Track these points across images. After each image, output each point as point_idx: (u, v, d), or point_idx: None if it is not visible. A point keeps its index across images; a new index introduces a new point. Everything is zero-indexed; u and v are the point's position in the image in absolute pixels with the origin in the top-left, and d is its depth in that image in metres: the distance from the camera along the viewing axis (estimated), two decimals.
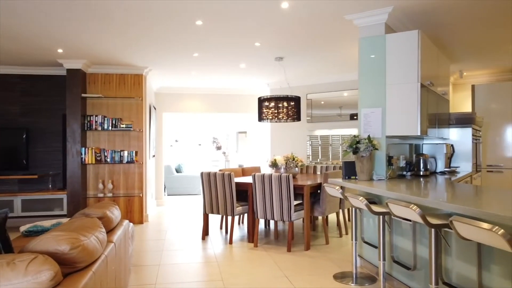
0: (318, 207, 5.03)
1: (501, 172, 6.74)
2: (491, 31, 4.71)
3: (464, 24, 4.42)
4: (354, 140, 3.76)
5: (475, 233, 1.84)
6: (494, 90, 6.82)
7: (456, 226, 1.94)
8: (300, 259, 4.39)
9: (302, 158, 6.27)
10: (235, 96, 8.94)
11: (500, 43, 5.21)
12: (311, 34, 4.74)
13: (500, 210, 1.99)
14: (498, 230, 1.67)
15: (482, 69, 6.94)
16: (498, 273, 2.28)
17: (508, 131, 6.71)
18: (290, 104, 5.79)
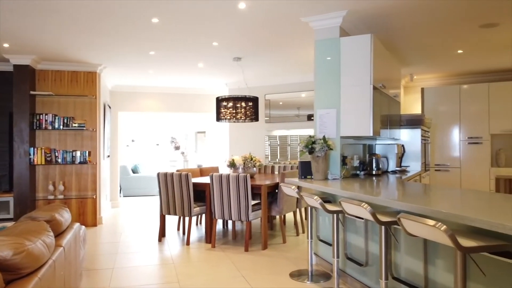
0: (276, 206, 5.08)
1: (448, 171, 7.11)
2: (439, 37, 4.95)
3: (414, 29, 4.62)
4: (309, 141, 3.83)
5: (420, 230, 1.92)
6: (442, 93, 7.19)
7: (403, 223, 2.02)
8: (257, 259, 4.42)
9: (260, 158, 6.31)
10: (194, 95, 8.85)
11: (447, 48, 5.49)
12: (268, 35, 4.78)
13: (444, 207, 2.10)
14: (441, 226, 1.76)
15: (431, 73, 7.29)
16: (442, 267, 2.40)
17: (454, 132, 7.09)
18: (248, 104, 5.81)
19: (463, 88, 7.01)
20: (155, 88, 8.54)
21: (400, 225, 2.05)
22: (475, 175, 6.87)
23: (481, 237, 1.93)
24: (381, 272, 2.56)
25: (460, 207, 2.13)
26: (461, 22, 4.36)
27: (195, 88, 8.68)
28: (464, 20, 4.31)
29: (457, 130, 7.05)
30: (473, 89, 6.92)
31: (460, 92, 7.01)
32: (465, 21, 4.34)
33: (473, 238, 1.90)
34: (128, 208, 8.33)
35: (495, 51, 5.66)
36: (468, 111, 6.96)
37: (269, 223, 6.09)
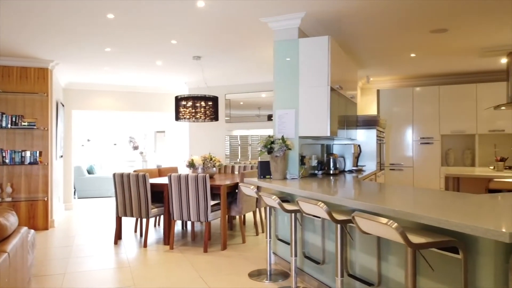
0: (235, 206, 5.06)
1: (401, 170, 7.37)
2: (393, 41, 5.12)
3: (369, 33, 4.75)
4: (268, 141, 3.85)
5: (373, 227, 1.97)
6: (396, 95, 7.45)
7: (357, 221, 2.06)
8: (216, 259, 4.38)
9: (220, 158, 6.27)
10: (153, 94, 8.67)
11: (401, 52, 5.70)
12: (228, 34, 4.76)
13: (396, 206, 2.16)
14: (392, 224, 1.81)
15: (387, 75, 7.54)
16: (394, 263, 2.48)
17: (408, 133, 7.37)
18: (208, 104, 5.76)
19: (415, 91, 7.30)
20: (112, 86, 8.28)
21: (354, 224, 2.09)
22: (426, 174, 7.18)
23: (430, 233, 2.01)
24: (337, 270, 2.60)
25: (411, 205, 2.20)
26: (413, 27, 4.53)
27: (154, 86, 8.50)
28: (416, 25, 4.48)
29: (410, 130, 7.34)
30: (425, 92, 7.23)
31: (413, 94, 7.30)
32: (417, 26, 4.52)
33: (423, 235, 1.97)
34: (82, 210, 8.03)
35: (445, 55, 5.93)
36: (420, 112, 7.25)
37: (229, 223, 6.07)
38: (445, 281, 2.10)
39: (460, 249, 1.90)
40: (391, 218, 2.24)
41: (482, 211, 1.97)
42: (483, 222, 1.67)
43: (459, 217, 1.78)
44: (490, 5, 3.88)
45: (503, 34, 4.82)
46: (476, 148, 7.02)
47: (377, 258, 2.62)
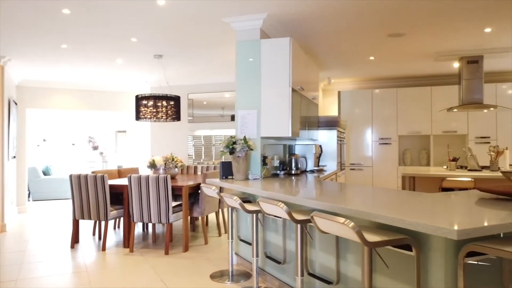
0: (197, 207, 5.01)
1: (361, 170, 7.57)
2: (353, 44, 5.25)
3: (330, 35, 4.84)
4: (230, 141, 3.84)
5: (331, 227, 2.01)
6: (356, 96, 7.64)
7: (316, 221, 2.09)
8: (178, 261, 4.32)
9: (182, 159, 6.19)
10: (113, 93, 8.43)
11: (360, 54, 5.85)
12: (190, 33, 4.71)
13: (355, 205, 2.21)
14: (349, 223, 1.84)
15: (347, 77, 7.72)
16: (352, 261, 2.54)
17: (367, 133, 7.57)
18: (170, 104, 5.67)
19: (375, 92, 7.52)
20: (69, 84, 7.98)
21: (313, 223, 2.12)
22: (385, 173, 7.41)
23: (386, 232, 2.07)
24: (297, 269, 2.63)
25: (369, 205, 2.26)
26: (372, 30, 4.66)
27: (114, 85, 8.27)
28: (374, 29, 4.61)
29: (369, 131, 7.54)
30: (384, 94, 7.46)
31: (372, 96, 7.51)
32: (375, 30, 4.65)
33: (379, 233, 2.02)
34: (37, 213, 7.69)
35: (402, 59, 6.15)
36: (379, 114, 7.48)
37: (191, 225, 6.00)
38: (399, 277, 2.17)
39: (413, 247, 1.97)
40: (350, 218, 2.30)
41: (435, 210, 2.04)
42: (435, 220, 1.74)
43: (413, 216, 1.85)
44: (443, 13, 4.05)
45: (455, 40, 5.05)
46: (431, 149, 7.32)
47: (336, 257, 2.67)
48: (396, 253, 2.17)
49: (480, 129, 6.95)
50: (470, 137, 7.00)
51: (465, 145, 6.94)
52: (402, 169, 5.47)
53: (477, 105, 5.62)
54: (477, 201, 2.34)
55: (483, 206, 2.16)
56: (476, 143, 6.94)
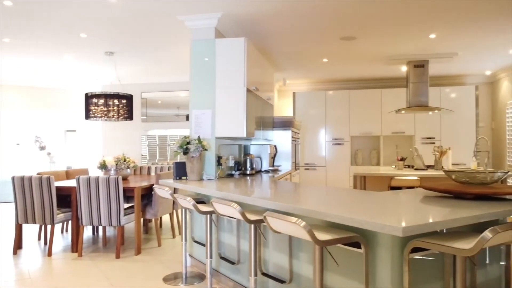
0: (151, 209, 4.89)
1: (315, 170, 7.72)
2: (307, 46, 5.34)
3: (285, 37, 4.90)
4: (184, 141, 3.78)
5: (284, 226, 2.02)
6: (311, 98, 7.79)
7: (269, 221, 2.10)
8: (129, 265, 4.19)
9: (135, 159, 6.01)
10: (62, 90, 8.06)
11: (314, 57, 5.96)
12: (144, 31, 4.59)
13: (307, 205, 2.24)
14: (300, 222, 1.87)
15: (302, 78, 7.85)
16: (305, 260, 2.58)
17: (321, 134, 7.74)
18: (122, 102, 5.50)
19: (328, 94, 7.70)
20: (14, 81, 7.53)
21: (266, 223, 2.13)
22: (338, 173, 7.61)
23: (337, 230, 2.11)
24: (250, 269, 2.63)
25: (321, 204, 2.30)
26: (325, 33, 4.76)
27: (63, 82, 7.90)
28: (327, 32, 4.72)
29: (323, 132, 7.72)
30: (337, 95, 7.66)
31: (326, 98, 7.69)
32: (328, 33, 4.76)
33: (330, 232, 2.06)
34: None
35: (354, 62, 6.34)
36: (332, 115, 7.67)
37: (144, 227, 5.85)
38: (350, 274, 2.22)
39: (362, 244, 2.02)
40: (303, 217, 2.33)
41: (383, 208, 2.12)
42: (382, 218, 1.79)
43: (362, 214, 1.90)
44: (391, 18, 4.21)
45: (403, 44, 5.27)
46: (381, 149, 7.61)
47: (289, 256, 2.69)
48: (347, 251, 2.22)
49: (426, 130, 7.31)
50: (417, 137, 7.34)
51: (412, 145, 7.27)
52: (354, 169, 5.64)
53: (423, 107, 5.90)
54: (422, 199, 2.44)
55: (427, 203, 2.26)
56: (422, 143, 7.29)
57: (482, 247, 1.63)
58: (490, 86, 7.65)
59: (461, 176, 2.52)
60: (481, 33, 4.77)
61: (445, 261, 2.19)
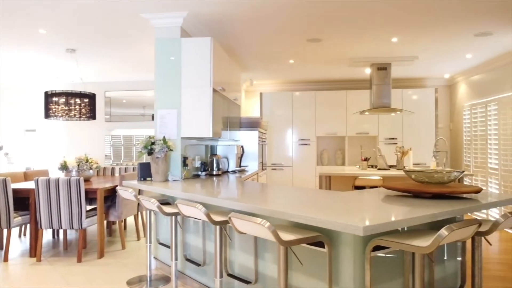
0: (114, 211, 4.78)
1: (282, 170, 7.78)
2: (273, 47, 5.37)
3: (252, 37, 4.91)
4: (149, 141, 3.71)
5: (248, 227, 2.02)
6: (278, 98, 7.84)
7: (233, 222, 2.09)
8: (92, 269, 4.07)
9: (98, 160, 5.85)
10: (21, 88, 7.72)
11: (281, 57, 6.01)
12: (108, 28, 4.47)
13: (272, 205, 2.25)
14: (265, 223, 1.87)
15: (269, 79, 7.89)
16: (270, 260, 2.59)
17: (288, 134, 7.81)
18: (84, 101, 5.33)
19: (295, 95, 7.78)
20: None
21: (231, 224, 2.12)
22: (304, 173, 7.70)
23: (302, 230, 2.13)
24: (216, 270, 2.62)
25: (286, 204, 2.32)
26: (292, 34, 4.80)
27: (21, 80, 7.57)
28: (294, 33, 4.76)
29: (290, 132, 7.79)
30: (303, 96, 7.75)
31: (293, 98, 7.77)
32: (294, 34, 4.80)
33: (295, 232, 2.08)
34: None
35: (320, 63, 6.43)
36: (299, 115, 7.75)
37: (108, 229, 5.71)
38: (314, 273, 2.25)
39: (325, 243, 2.05)
40: (268, 218, 2.33)
41: (346, 208, 2.15)
42: (345, 217, 1.83)
43: (326, 214, 1.93)
44: (355, 21, 4.30)
45: (367, 47, 5.40)
46: (346, 149, 7.77)
47: (255, 257, 2.70)
48: (312, 250, 2.25)
49: (389, 131, 7.53)
50: (380, 138, 7.55)
51: (376, 145, 7.46)
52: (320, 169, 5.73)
53: (386, 109, 6.07)
54: (383, 198, 2.51)
55: (388, 203, 2.32)
56: (385, 143, 7.50)
57: (439, 245, 1.69)
58: (449, 89, 7.97)
59: (420, 176, 2.61)
60: (440, 38, 4.95)
61: (405, 258, 2.26)
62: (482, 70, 6.55)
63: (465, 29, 4.58)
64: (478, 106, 6.64)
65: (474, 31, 4.65)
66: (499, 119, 5.92)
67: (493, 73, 6.24)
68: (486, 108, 6.35)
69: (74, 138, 7.74)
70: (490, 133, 6.18)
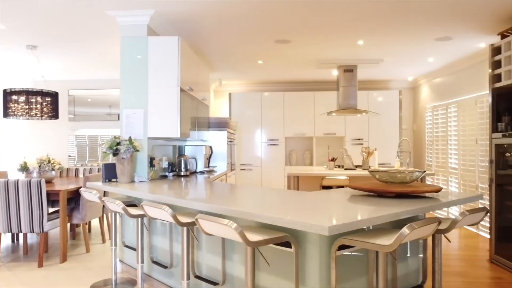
0: (78, 213, 4.64)
1: (251, 170, 7.80)
2: (242, 47, 5.37)
3: (220, 37, 4.88)
4: (114, 142, 3.63)
5: (215, 229, 2.01)
6: (247, 99, 7.85)
7: (200, 223, 2.08)
8: (54, 274, 3.93)
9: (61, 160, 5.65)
10: None
11: (249, 58, 6.01)
12: (71, 24, 4.33)
13: (240, 206, 2.25)
14: (232, 224, 1.87)
15: (238, 79, 7.88)
16: (238, 261, 2.58)
17: (257, 135, 7.83)
18: (46, 100, 5.14)
19: (264, 95, 7.81)
20: None
21: (198, 225, 2.10)
22: (273, 173, 7.74)
23: (269, 231, 2.14)
24: (183, 273, 2.59)
25: (254, 205, 2.32)
26: (260, 35, 4.82)
27: None
28: (262, 34, 4.78)
29: (259, 132, 7.81)
30: (272, 97, 7.80)
31: (262, 99, 7.80)
32: (263, 35, 4.82)
33: (262, 233, 2.09)
34: None
35: (288, 64, 6.49)
36: (268, 116, 7.79)
37: (71, 232, 5.53)
38: (281, 273, 2.27)
39: (292, 244, 2.07)
40: (235, 219, 2.33)
41: (313, 208, 2.18)
42: (311, 218, 1.85)
43: (293, 214, 1.94)
44: (322, 24, 4.36)
45: (334, 49, 5.49)
46: (313, 149, 7.87)
47: (222, 258, 2.69)
48: (279, 250, 2.26)
49: (355, 132, 7.69)
50: (347, 138, 7.69)
51: (343, 146, 7.60)
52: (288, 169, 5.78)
53: (352, 110, 6.20)
54: (349, 198, 2.56)
55: (353, 202, 2.37)
56: (352, 144, 7.66)
57: (401, 243, 1.74)
58: (412, 91, 8.23)
59: (384, 176, 2.68)
60: (403, 42, 5.11)
61: (369, 257, 2.31)
62: (443, 73, 6.80)
63: (426, 34, 4.75)
64: (439, 108, 6.89)
65: (435, 36, 4.83)
66: (458, 121, 6.17)
67: (453, 76, 6.49)
68: (446, 110, 6.61)
69: (35, 138, 7.45)
70: (451, 134, 6.43)
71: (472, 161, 5.72)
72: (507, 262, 3.96)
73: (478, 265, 4.18)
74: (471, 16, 4.08)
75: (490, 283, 3.66)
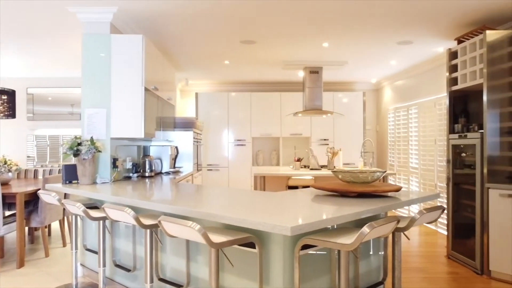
0: (37, 216, 4.46)
1: (218, 170, 7.77)
2: (208, 47, 5.33)
3: (186, 36, 4.83)
4: (75, 142, 3.51)
5: (179, 230, 1.99)
6: (214, 99, 7.82)
7: (163, 225, 2.05)
8: (10, 280, 3.77)
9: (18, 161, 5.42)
10: None
11: (216, 58, 5.98)
12: (30, 20, 4.15)
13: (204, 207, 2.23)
14: (195, 226, 1.85)
15: (205, 79, 7.83)
16: (202, 263, 2.57)
17: (224, 135, 7.81)
18: (2, 98, 4.92)
19: (231, 96, 7.80)
20: None
21: (161, 227, 2.07)
22: (240, 173, 7.74)
23: (234, 232, 2.14)
24: (146, 276, 2.54)
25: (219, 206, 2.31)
26: (226, 35, 4.80)
27: None
28: (228, 34, 4.76)
29: (226, 132, 7.79)
30: (239, 97, 7.80)
31: (229, 99, 7.78)
32: (229, 35, 4.81)
33: (226, 234, 2.08)
34: None
35: (255, 65, 6.50)
36: (235, 116, 7.79)
37: (29, 236, 5.31)
38: (245, 274, 2.27)
39: (256, 244, 2.08)
40: (200, 220, 2.31)
41: (277, 208, 2.20)
42: (274, 218, 1.86)
43: (257, 215, 1.95)
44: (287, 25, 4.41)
45: (300, 51, 5.56)
46: (280, 150, 7.94)
47: (187, 260, 2.66)
48: (244, 251, 2.26)
49: (321, 132, 7.81)
50: (313, 139, 7.81)
51: (309, 146, 7.71)
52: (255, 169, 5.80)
53: (318, 111, 6.29)
54: (313, 198, 2.60)
55: (317, 202, 2.41)
56: (318, 144, 7.78)
57: (362, 241, 1.78)
58: (375, 93, 8.46)
59: (346, 176, 2.73)
60: (367, 45, 5.24)
61: (332, 255, 2.36)
62: (404, 76, 7.03)
63: (389, 37, 4.89)
64: (401, 109, 7.12)
65: (397, 40, 4.98)
66: (419, 122, 6.39)
67: (414, 79, 6.72)
68: (408, 111, 6.83)
69: None
70: (411, 135, 6.66)
71: (432, 161, 5.94)
72: (463, 257, 4.14)
73: (436, 261, 4.35)
74: (430, 21, 4.24)
75: (448, 278, 3.82)
